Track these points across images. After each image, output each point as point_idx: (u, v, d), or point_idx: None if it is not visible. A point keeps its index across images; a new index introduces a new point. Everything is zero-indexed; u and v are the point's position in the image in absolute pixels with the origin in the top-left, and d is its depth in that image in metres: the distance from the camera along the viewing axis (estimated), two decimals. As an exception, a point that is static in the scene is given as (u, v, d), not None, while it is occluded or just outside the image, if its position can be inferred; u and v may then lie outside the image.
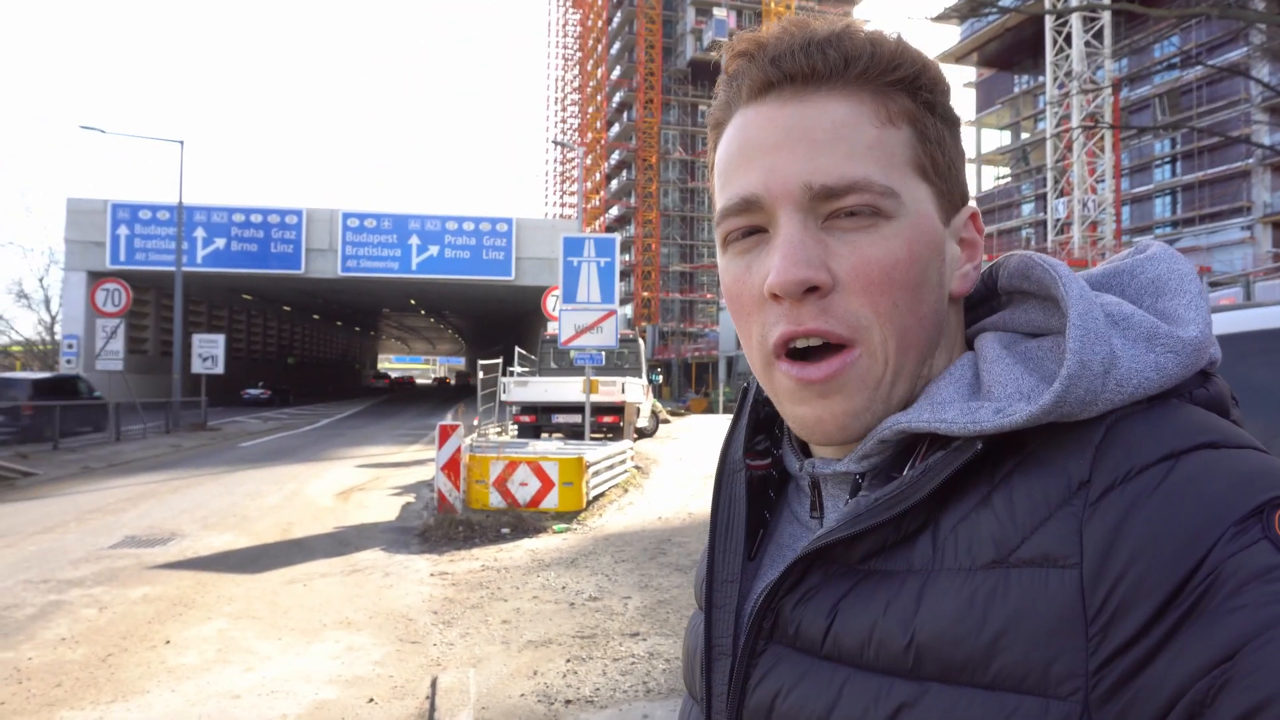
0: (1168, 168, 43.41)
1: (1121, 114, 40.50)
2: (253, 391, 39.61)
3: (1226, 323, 2.62)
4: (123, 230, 30.93)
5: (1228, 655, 0.42)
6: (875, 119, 0.58)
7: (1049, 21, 37.95)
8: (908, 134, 0.59)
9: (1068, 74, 36.85)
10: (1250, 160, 37.50)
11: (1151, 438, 0.50)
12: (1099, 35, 36.73)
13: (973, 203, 0.63)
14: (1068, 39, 37.25)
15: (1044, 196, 42.74)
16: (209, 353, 23.76)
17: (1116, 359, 0.53)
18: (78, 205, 30.98)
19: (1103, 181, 37.64)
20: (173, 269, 26.64)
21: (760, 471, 0.69)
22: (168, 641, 5.44)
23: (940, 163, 0.61)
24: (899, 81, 0.59)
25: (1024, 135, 51.35)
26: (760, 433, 0.71)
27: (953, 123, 0.63)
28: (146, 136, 51.70)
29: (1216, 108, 38.79)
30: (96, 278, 27.89)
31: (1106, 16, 35.98)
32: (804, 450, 0.68)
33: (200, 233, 31.40)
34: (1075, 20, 36.27)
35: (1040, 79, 45.24)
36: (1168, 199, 43.35)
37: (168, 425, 22.09)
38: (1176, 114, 40.01)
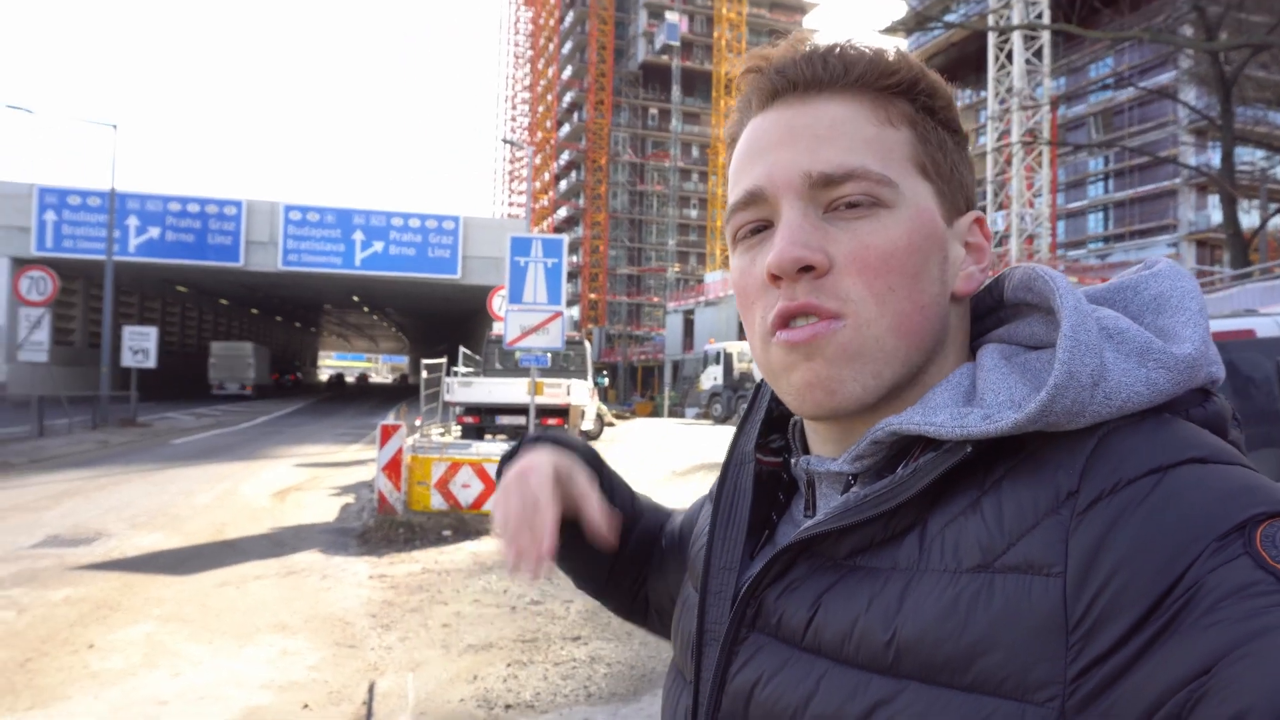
0: (1101, 184, 44.92)
1: (1059, 131, 41.76)
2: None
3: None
4: (50, 216, 29.71)
5: (1205, 669, 0.42)
6: (874, 119, 0.61)
7: (991, 39, 38.97)
8: (907, 134, 0.61)
9: (1009, 90, 37.87)
10: (1178, 180, 39.01)
11: (1141, 451, 0.51)
12: (1039, 54, 37.80)
13: (978, 210, 0.65)
14: (1009, 56, 38.27)
15: (984, 209, 43.86)
16: (140, 345, 22.88)
17: (1106, 371, 0.53)
18: (2, 189, 29.63)
19: (1040, 196, 38.76)
20: (103, 258, 25.65)
21: (769, 467, 0.71)
22: (91, 645, 5.25)
23: (941, 164, 0.62)
24: (896, 86, 0.62)
25: (966, 149, 52.56)
26: (775, 431, 0.73)
27: (955, 130, 0.64)
28: (78, 119, 49.57)
29: (1147, 128, 40.29)
30: (21, 264, 26.81)
31: (1046, 36, 37.05)
32: (805, 451, 0.70)
33: (134, 221, 30.31)
34: (1016, 38, 37.27)
35: (982, 94, 46.41)
36: (1101, 215, 44.85)
37: (95, 420, 21.26)
38: (1110, 133, 41.43)
